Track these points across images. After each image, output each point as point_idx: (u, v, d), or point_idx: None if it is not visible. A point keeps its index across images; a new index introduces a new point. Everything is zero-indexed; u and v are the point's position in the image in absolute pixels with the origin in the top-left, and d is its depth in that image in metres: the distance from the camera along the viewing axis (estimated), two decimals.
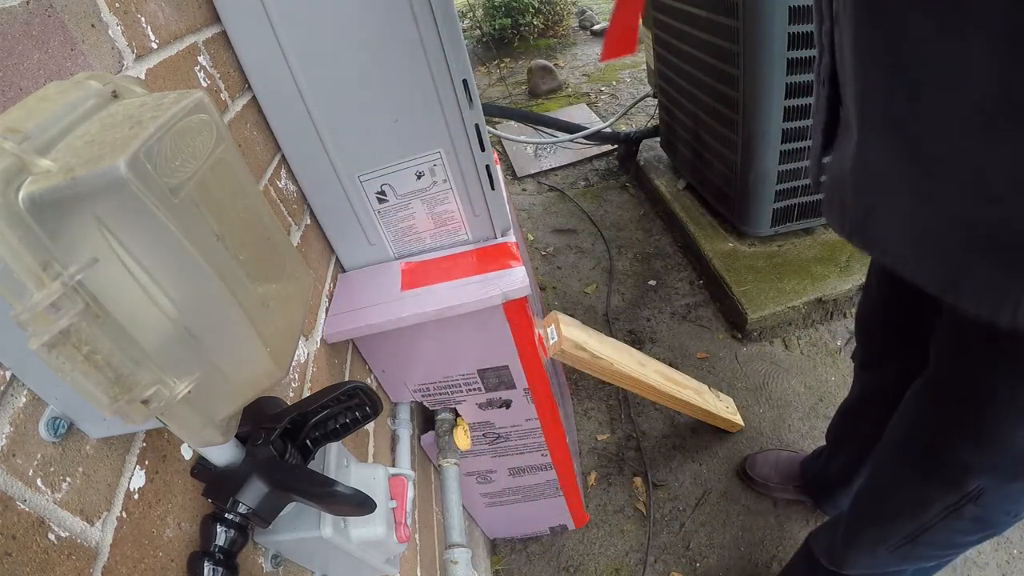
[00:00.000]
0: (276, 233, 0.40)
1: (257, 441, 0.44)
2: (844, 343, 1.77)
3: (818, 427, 1.55)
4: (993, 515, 0.64)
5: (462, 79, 0.65)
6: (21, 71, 0.36)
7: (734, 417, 1.56)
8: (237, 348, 0.33)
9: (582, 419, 1.72)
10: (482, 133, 0.69)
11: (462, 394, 0.94)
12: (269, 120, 0.68)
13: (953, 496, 0.63)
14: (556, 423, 1.02)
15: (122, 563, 0.37)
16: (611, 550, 1.41)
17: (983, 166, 0.39)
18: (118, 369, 0.28)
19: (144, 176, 0.25)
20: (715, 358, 1.80)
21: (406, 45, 0.62)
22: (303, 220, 0.74)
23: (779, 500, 1.41)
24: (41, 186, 0.24)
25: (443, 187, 0.74)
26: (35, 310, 0.24)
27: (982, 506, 0.62)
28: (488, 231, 0.81)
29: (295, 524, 0.50)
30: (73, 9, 0.41)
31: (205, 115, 0.31)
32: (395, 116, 0.67)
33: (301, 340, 0.68)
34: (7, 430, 0.31)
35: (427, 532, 0.99)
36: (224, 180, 0.33)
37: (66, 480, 0.34)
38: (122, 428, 0.37)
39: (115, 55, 0.45)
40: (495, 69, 4.39)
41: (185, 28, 0.56)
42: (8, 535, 0.30)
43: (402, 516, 0.57)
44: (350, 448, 0.73)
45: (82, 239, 0.26)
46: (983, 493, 0.60)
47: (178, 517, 0.43)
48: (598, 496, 1.52)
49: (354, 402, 0.49)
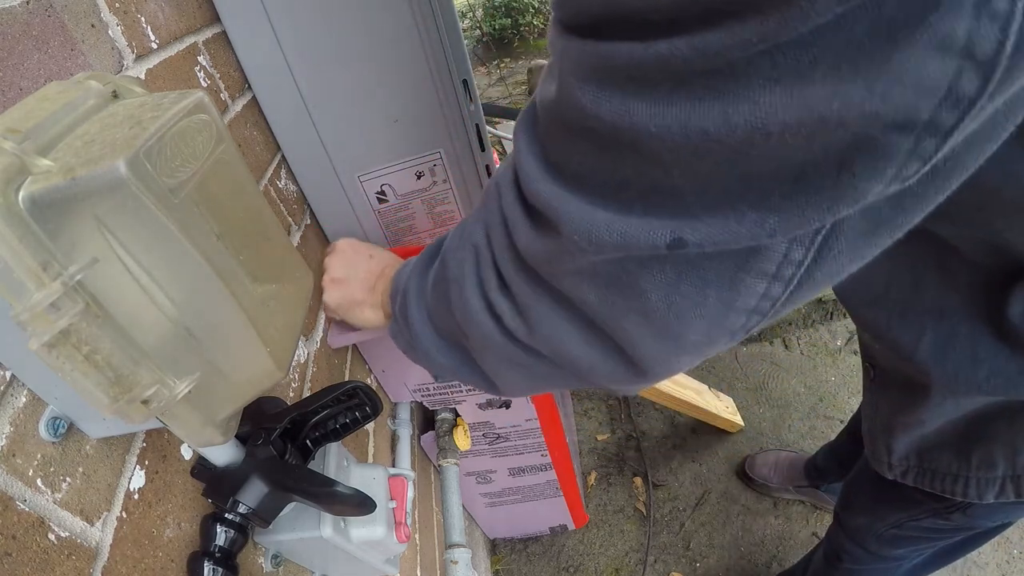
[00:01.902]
0: (276, 233, 0.40)
1: (257, 441, 0.44)
2: (844, 343, 1.77)
3: (818, 427, 1.55)
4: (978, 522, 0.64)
5: (462, 79, 0.65)
6: (21, 71, 0.36)
7: (734, 417, 1.56)
8: (237, 348, 0.33)
9: (582, 419, 1.72)
10: (482, 133, 0.69)
11: (462, 394, 0.94)
12: (269, 120, 0.68)
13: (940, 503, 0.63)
14: (556, 423, 1.02)
15: (122, 563, 0.37)
16: (611, 550, 1.41)
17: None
18: (118, 369, 0.28)
19: (144, 176, 0.25)
20: (715, 358, 1.80)
21: (406, 45, 0.62)
22: (303, 220, 0.74)
23: (779, 500, 1.42)
24: (41, 186, 0.24)
25: (443, 187, 0.74)
26: (35, 310, 0.24)
27: (971, 516, 0.62)
28: None
29: (295, 524, 0.50)
30: (73, 9, 0.41)
31: (205, 115, 0.31)
32: (395, 116, 0.67)
33: (301, 340, 0.68)
34: (7, 430, 0.31)
35: (427, 532, 0.99)
36: (224, 180, 0.33)
37: (66, 480, 0.34)
38: (122, 428, 0.37)
39: (115, 55, 0.45)
40: (495, 69, 4.39)
41: (185, 28, 0.56)
42: (8, 535, 0.30)
43: (402, 516, 0.57)
44: (350, 448, 0.73)
45: (82, 239, 0.26)
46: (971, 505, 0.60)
47: (178, 517, 0.43)
48: (598, 496, 1.52)
49: (354, 402, 0.49)
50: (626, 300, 0.29)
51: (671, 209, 0.24)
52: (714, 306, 0.27)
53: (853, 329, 1.78)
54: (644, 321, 0.29)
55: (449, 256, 0.40)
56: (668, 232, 0.24)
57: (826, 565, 0.97)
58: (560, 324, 0.33)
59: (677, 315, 0.28)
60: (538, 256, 0.31)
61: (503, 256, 0.34)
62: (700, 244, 0.23)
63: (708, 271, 0.26)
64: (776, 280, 0.25)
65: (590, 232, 0.26)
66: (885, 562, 0.84)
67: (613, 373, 0.33)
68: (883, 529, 0.75)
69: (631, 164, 0.23)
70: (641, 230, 0.24)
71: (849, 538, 0.86)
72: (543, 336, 0.34)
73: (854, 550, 0.86)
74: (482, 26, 4.65)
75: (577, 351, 0.33)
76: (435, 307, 0.43)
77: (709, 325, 0.28)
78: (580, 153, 0.26)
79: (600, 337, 0.32)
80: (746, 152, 0.20)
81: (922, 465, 0.58)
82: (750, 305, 0.27)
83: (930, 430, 0.55)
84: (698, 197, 0.23)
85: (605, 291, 0.29)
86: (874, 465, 0.64)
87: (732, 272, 0.25)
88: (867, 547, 0.82)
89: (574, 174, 0.27)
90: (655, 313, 0.28)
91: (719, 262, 0.25)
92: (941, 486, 0.57)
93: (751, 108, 0.19)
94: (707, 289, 0.26)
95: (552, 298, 0.32)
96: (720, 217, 0.23)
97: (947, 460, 0.55)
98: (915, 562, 0.85)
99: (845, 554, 0.88)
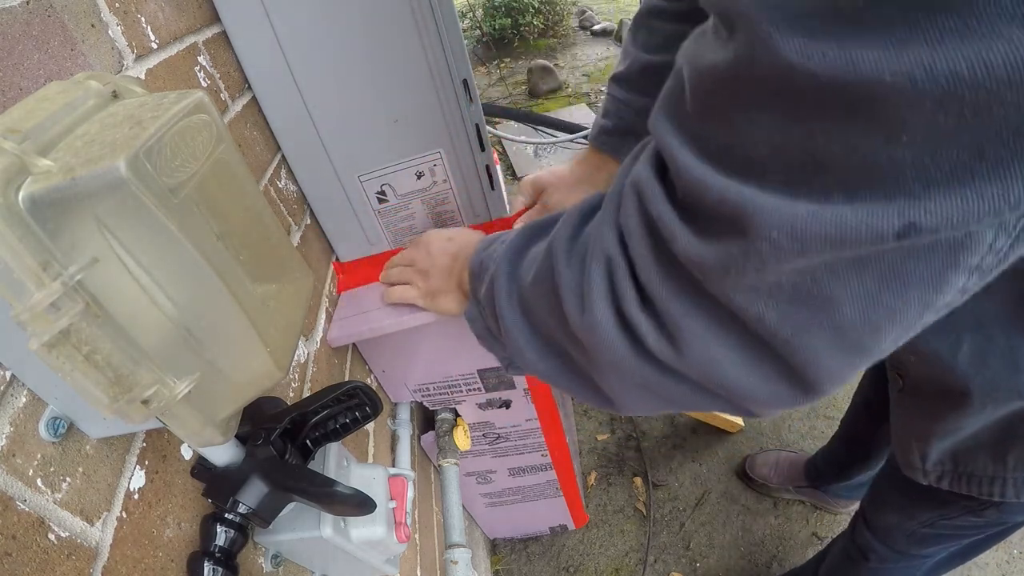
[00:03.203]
0: (276, 233, 0.40)
1: (257, 441, 0.44)
2: None
3: (818, 427, 1.55)
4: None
5: (462, 79, 0.65)
6: (21, 71, 0.36)
7: (734, 417, 1.56)
8: (237, 348, 0.33)
9: (582, 419, 1.72)
10: (482, 133, 0.69)
11: (462, 394, 0.94)
12: (269, 120, 0.68)
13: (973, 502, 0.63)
14: (556, 423, 1.02)
15: (122, 563, 0.37)
16: (611, 550, 1.41)
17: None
18: (118, 369, 0.28)
19: (144, 176, 0.25)
20: None
21: (406, 45, 0.62)
22: (303, 220, 0.74)
23: (779, 500, 1.42)
24: (41, 186, 0.24)
25: (443, 187, 0.74)
26: (35, 310, 0.24)
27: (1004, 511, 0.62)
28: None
29: (295, 524, 0.50)
30: (73, 9, 0.41)
31: (205, 115, 0.31)
32: (395, 116, 0.67)
33: (301, 340, 0.68)
34: (7, 430, 0.31)
35: (427, 532, 0.99)
36: (224, 180, 0.33)
37: (66, 480, 0.34)
38: (122, 428, 0.37)
39: (115, 55, 0.45)
40: (495, 69, 4.39)
41: (185, 28, 0.56)
42: (8, 535, 0.30)
43: (402, 516, 0.57)
44: (350, 448, 0.73)
45: (82, 239, 0.26)
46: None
47: (178, 517, 0.43)
48: (598, 496, 1.52)
49: (354, 402, 0.49)
50: (815, 314, 0.25)
51: (892, 190, 0.20)
52: (915, 309, 0.24)
53: None
54: (834, 336, 0.25)
55: (561, 257, 0.35)
56: (896, 216, 0.20)
57: (848, 564, 0.96)
58: (719, 345, 0.29)
59: (873, 326, 0.24)
60: (707, 267, 0.26)
61: (648, 267, 0.29)
62: (935, 228, 0.20)
63: (912, 273, 0.22)
64: (976, 271, 0.22)
65: (793, 228, 0.22)
66: (912, 560, 0.84)
67: (772, 396, 0.29)
68: (915, 527, 0.75)
69: (839, 135, 0.20)
70: (862, 218, 0.20)
71: (877, 537, 0.85)
72: (695, 360, 0.30)
73: (881, 549, 0.85)
74: (482, 26, 4.65)
75: (735, 373, 0.29)
76: (535, 306, 0.39)
77: (904, 330, 0.25)
78: (762, 130, 0.22)
79: (769, 358, 0.28)
80: (1001, 99, 0.17)
81: (957, 469, 0.58)
82: (947, 301, 0.24)
83: (966, 434, 0.54)
84: (925, 171, 0.19)
85: (788, 306, 0.25)
86: (907, 472, 0.63)
87: (939, 271, 0.22)
88: (895, 546, 0.82)
89: (749, 160, 0.23)
90: (849, 326, 0.25)
91: (927, 259, 0.22)
92: (978, 489, 0.57)
93: (1007, 47, 0.16)
94: (909, 292, 0.23)
95: (714, 316, 0.28)
96: (957, 191, 0.19)
97: (983, 463, 0.55)
98: (938, 559, 0.85)
99: (872, 552, 0.88)
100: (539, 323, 0.40)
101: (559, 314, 0.35)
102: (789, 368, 0.28)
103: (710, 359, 0.29)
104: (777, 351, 0.27)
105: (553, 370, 0.40)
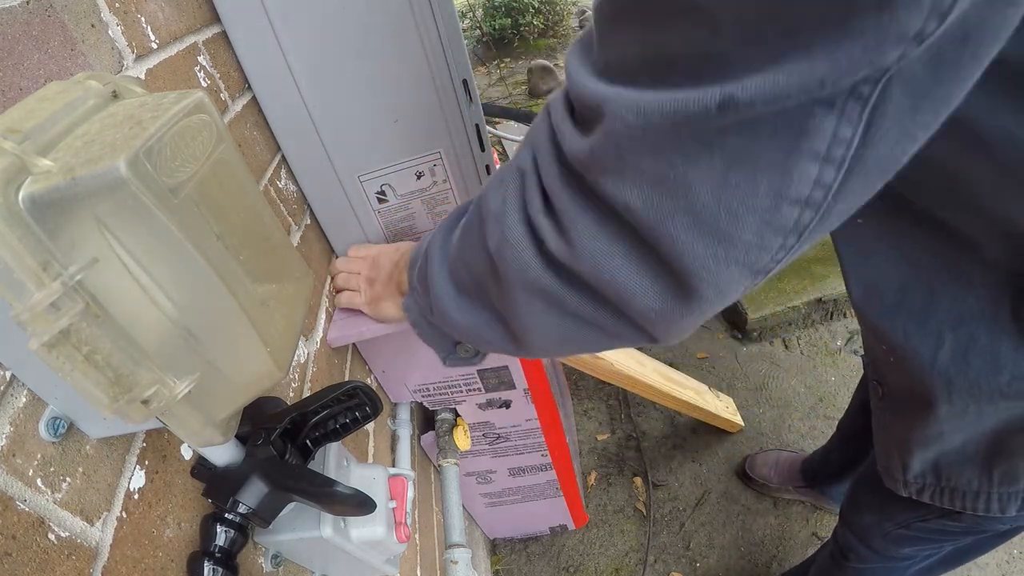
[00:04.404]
0: (276, 233, 0.40)
1: (257, 441, 0.44)
2: (844, 343, 1.77)
3: (818, 427, 1.55)
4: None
5: (462, 79, 0.65)
6: (21, 71, 0.36)
7: (734, 417, 1.56)
8: (237, 348, 0.33)
9: (582, 419, 1.72)
10: (482, 133, 0.69)
11: (462, 394, 0.94)
12: (269, 120, 0.68)
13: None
14: (556, 423, 1.02)
15: (122, 563, 0.37)
16: (611, 550, 1.41)
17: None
18: (118, 369, 0.28)
19: (144, 176, 0.25)
20: (715, 358, 1.80)
21: (406, 45, 0.62)
22: (303, 220, 0.74)
23: (779, 500, 1.42)
24: (41, 186, 0.24)
25: (443, 187, 0.74)
26: (35, 310, 0.24)
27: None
28: None
29: (295, 524, 0.50)
30: (73, 9, 0.41)
31: (205, 115, 0.31)
32: (395, 116, 0.67)
33: (301, 340, 0.68)
34: (7, 430, 0.31)
35: (427, 532, 0.99)
36: (224, 180, 0.33)
37: (66, 480, 0.34)
38: (122, 428, 0.37)
39: (115, 55, 0.45)
40: (495, 69, 4.39)
41: (185, 28, 0.56)
42: (8, 535, 0.30)
43: (402, 516, 0.57)
44: (350, 448, 0.73)
45: (82, 239, 0.26)
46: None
47: (178, 517, 0.43)
48: (598, 496, 1.52)
49: (354, 402, 0.49)
50: (673, 199, 0.27)
51: (720, 74, 0.24)
52: (765, 197, 0.26)
53: (852, 329, 1.78)
54: (692, 222, 0.27)
55: (489, 193, 0.39)
56: (718, 92, 0.24)
57: (832, 564, 0.97)
58: (603, 238, 0.31)
59: (728, 209, 0.27)
60: (581, 156, 0.30)
61: (549, 171, 0.33)
62: (751, 102, 0.23)
63: (759, 157, 0.25)
64: (827, 163, 0.25)
65: (637, 105, 0.26)
66: (891, 562, 0.84)
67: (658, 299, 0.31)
68: (890, 528, 0.75)
69: (677, 34, 0.24)
70: (690, 95, 0.24)
71: (856, 537, 0.85)
72: (585, 254, 0.32)
73: (860, 549, 0.86)
74: (482, 26, 4.65)
75: (622, 274, 0.31)
76: (460, 255, 0.42)
77: (761, 222, 0.27)
78: (628, 39, 0.26)
79: (644, 252, 0.30)
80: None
81: (940, 483, 0.58)
82: (803, 194, 0.26)
83: (950, 447, 0.54)
84: (744, 57, 0.23)
85: (651, 191, 0.28)
86: (887, 483, 0.63)
87: (783, 155, 0.25)
88: (873, 546, 0.82)
89: (621, 67, 0.27)
90: (705, 210, 0.27)
91: (770, 142, 0.25)
92: (961, 503, 0.57)
93: None
94: (758, 176, 0.26)
95: (596, 209, 0.31)
96: (769, 71, 0.22)
97: (967, 477, 0.55)
98: (922, 565, 0.85)
99: (852, 553, 0.88)
100: (462, 280, 0.43)
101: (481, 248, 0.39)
102: (663, 264, 0.30)
103: (598, 252, 0.32)
104: (649, 244, 0.30)
105: (471, 323, 0.43)
